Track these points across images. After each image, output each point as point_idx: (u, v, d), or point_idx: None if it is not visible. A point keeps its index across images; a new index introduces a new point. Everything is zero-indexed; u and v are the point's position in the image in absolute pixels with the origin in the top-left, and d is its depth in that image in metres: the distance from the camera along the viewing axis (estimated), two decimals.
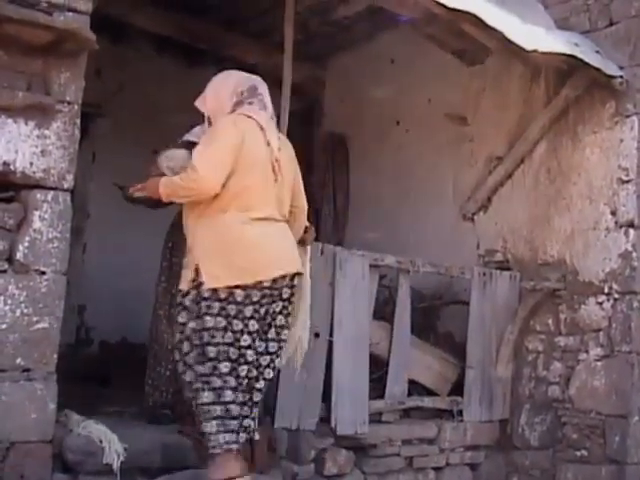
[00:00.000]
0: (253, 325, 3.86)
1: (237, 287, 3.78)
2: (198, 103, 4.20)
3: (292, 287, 4.01)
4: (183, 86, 6.67)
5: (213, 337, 3.79)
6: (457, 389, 5.82)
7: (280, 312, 3.99)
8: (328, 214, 7.69)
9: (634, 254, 5.48)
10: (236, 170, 3.83)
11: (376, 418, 5.29)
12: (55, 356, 3.81)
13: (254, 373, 3.97)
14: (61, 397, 3.87)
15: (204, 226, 3.87)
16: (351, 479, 5.10)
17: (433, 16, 5.45)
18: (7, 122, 3.69)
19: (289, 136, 5.05)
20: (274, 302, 3.94)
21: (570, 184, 5.88)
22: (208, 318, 3.78)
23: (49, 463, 3.80)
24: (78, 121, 3.91)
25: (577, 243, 5.79)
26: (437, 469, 5.60)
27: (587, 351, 5.64)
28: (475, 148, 6.62)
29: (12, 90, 3.68)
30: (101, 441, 3.98)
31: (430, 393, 5.78)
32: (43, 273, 3.77)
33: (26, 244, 3.73)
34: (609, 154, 5.68)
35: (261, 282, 3.82)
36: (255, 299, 3.84)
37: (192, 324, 3.81)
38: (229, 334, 3.82)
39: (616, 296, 5.52)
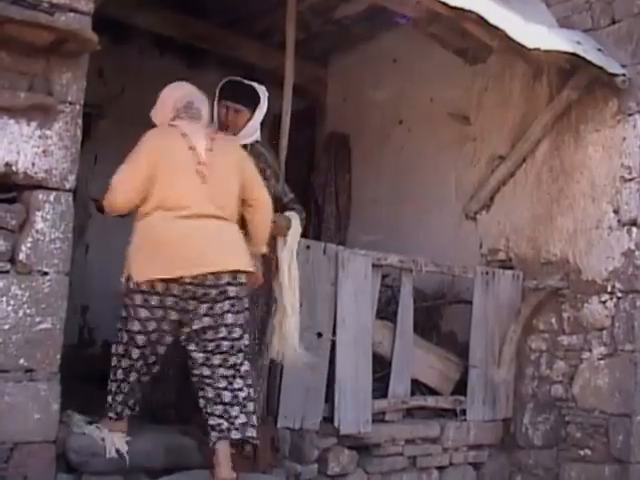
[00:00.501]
0: (174, 315, 4.06)
1: (159, 280, 3.96)
2: (152, 114, 4.38)
3: (239, 285, 4.11)
4: None
5: (134, 326, 4.07)
6: (460, 388, 5.82)
7: (228, 311, 4.10)
8: (330, 214, 7.69)
9: (637, 253, 5.47)
10: (157, 178, 4.01)
11: (379, 417, 5.29)
12: (58, 356, 3.82)
13: (206, 372, 4.12)
14: (64, 397, 3.87)
15: (138, 226, 4.07)
16: (354, 479, 5.10)
17: (435, 15, 5.46)
18: (9, 123, 3.69)
19: (291, 136, 5.07)
20: (219, 301, 4.07)
21: (573, 183, 5.88)
22: (135, 309, 4.04)
23: (53, 464, 3.80)
24: (80, 121, 3.91)
25: (580, 242, 5.78)
26: (440, 468, 5.60)
27: (590, 350, 5.63)
28: (477, 147, 6.62)
29: (14, 91, 3.68)
30: (103, 439, 3.98)
31: (433, 392, 5.78)
32: (46, 274, 3.78)
33: (28, 245, 3.74)
34: (612, 152, 5.67)
35: (182, 277, 3.96)
36: (176, 292, 3.99)
37: (123, 313, 4.11)
38: (152, 323, 4.07)
39: (619, 295, 5.51)
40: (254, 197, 4.32)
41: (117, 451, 3.99)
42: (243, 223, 4.35)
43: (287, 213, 4.72)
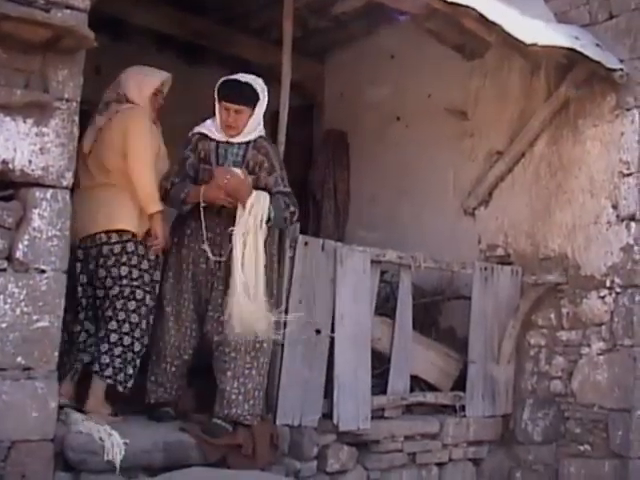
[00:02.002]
0: (82, 278, 4.59)
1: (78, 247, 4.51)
2: None
3: (111, 244, 4.50)
4: (183, 83, 6.63)
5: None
6: (459, 384, 5.82)
7: (102, 265, 4.53)
8: (329, 210, 7.68)
9: (636, 247, 5.47)
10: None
11: (378, 414, 5.29)
12: (56, 354, 3.81)
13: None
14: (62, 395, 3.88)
15: None
16: (353, 475, 5.10)
17: (433, 10, 5.44)
18: (5, 120, 3.68)
19: (289, 133, 5.07)
20: (97, 258, 4.55)
21: (571, 178, 5.87)
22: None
23: (51, 462, 3.79)
24: (77, 118, 3.90)
25: (578, 237, 5.78)
26: (440, 465, 5.60)
27: (589, 345, 5.63)
28: (475, 143, 6.61)
29: (10, 88, 3.67)
30: (101, 439, 3.97)
31: (432, 388, 5.78)
32: (43, 271, 3.77)
33: (25, 242, 3.73)
34: (610, 147, 5.66)
35: (80, 241, 4.50)
36: (80, 257, 4.54)
37: None
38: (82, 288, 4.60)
39: (618, 290, 5.51)
40: (129, 164, 4.50)
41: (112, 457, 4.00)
42: None
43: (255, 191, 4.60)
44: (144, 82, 4.72)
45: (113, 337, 4.48)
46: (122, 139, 4.49)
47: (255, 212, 4.51)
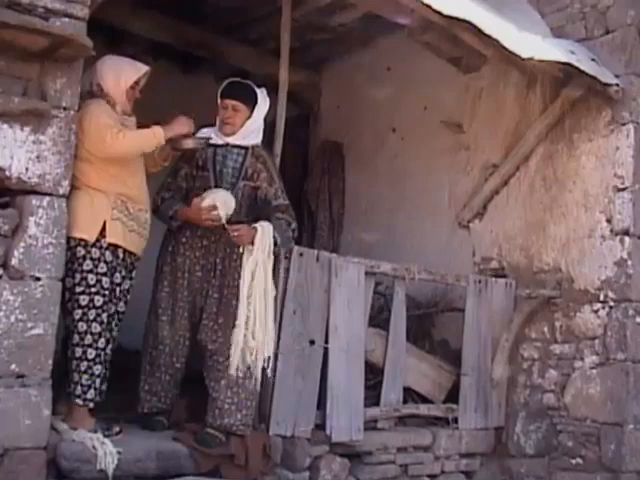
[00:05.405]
0: None
1: None
2: None
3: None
4: (179, 93, 6.66)
5: None
6: (452, 396, 5.82)
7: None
8: (323, 221, 7.68)
9: (629, 262, 5.48)
10: None
11: (371, 425, 5.28)
12: (50, 362, 3.81)
13: None
14: (55, 404, 3.87)
15: None
16: None
17: (429, 23, 5.46)
18: (3, 127, 3.69)
19: (285, 142, 5.09)
20: None
21: (566, 192, 5.89)
22: None
23: (43, 470, 3.78)
24: (74, 126, 3.92)
25: (573, 251, 5.79)
26: (432, 477, 5.58)
27: (582, 359, 5.63)
28: (471, 155, 6.62)
29: (8, 95, 3.68)
30: (94, 447, 3.96)
31: (425, 400, 5.77)
32: (38, 279, 3.77)
33: (21, 250, 3.73)
34: (605, 162, 5.68)
35: None
36: None
37: None
38: None
39: (611, 304, 5.52)
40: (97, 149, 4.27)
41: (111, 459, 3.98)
42: None
43: (258, 223, 4.57)
44: (122, 74, 4.42)
45: (76, 351, 4.20)
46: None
47: (263, 246, 4.53)
